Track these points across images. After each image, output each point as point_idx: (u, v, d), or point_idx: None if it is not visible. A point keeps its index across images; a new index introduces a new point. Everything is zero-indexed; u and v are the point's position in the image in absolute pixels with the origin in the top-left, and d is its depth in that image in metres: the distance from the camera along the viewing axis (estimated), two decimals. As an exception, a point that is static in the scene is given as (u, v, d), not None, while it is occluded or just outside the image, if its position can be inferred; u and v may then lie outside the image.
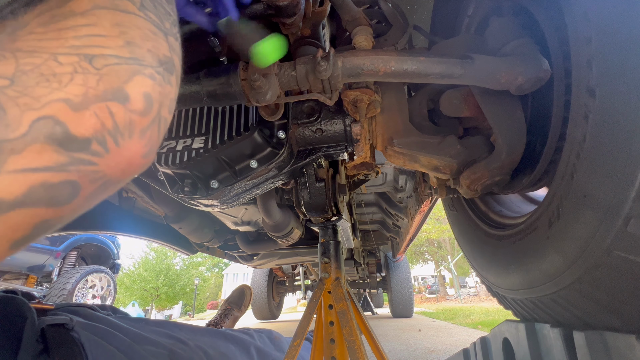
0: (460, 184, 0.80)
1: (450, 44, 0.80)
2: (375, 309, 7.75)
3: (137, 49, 0.31)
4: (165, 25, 0.35)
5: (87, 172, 0.28)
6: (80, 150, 0.27)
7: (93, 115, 0.27)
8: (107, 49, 0.29)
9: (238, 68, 0.68)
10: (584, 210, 0.51)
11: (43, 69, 0.26)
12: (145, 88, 0.30)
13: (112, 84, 0.28)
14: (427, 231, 17.38)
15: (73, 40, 0.28)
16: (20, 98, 0.25)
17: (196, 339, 1.11)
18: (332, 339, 1.00)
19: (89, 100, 0.27)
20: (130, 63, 0.30)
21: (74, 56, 0.28)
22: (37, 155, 0.25)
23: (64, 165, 0.26)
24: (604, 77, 0.46)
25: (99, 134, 0.28)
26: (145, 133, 0.31)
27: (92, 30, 0.29)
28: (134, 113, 0.30)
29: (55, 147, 0.26)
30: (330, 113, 0.90)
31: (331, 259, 1.17)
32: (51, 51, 0.27)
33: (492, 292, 0.99)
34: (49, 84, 0.26)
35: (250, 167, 0.85)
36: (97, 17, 0.30)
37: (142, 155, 0.32)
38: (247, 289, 2.71)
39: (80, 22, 0.29)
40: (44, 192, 0.26)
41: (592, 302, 0.55)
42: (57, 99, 0.26)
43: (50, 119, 0.26)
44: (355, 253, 3.41)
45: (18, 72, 0.26)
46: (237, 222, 1.49)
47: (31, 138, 0.25)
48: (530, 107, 0.79)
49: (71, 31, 0.28)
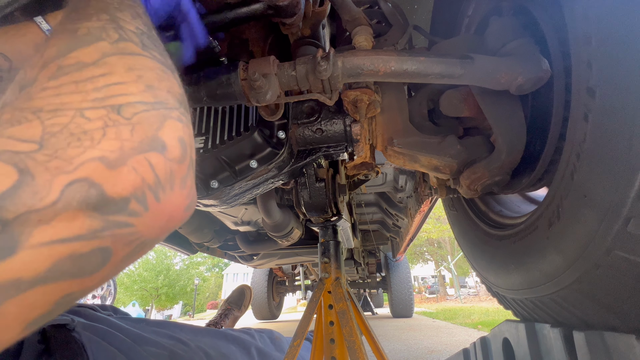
0: (460, 184, 0.80)
1: (450, 44, 0.80)
2: (375, 309, 7.75)
3: (158, 92, 0.29)
4: (167, 60, 0.34)
5: (122, 236, 0.25)
6: (117, 212, 0.24)
7: (132, 170, 0.25)
8: (131, 96, 0.27)
9: (238, 68, 0.68)
10: (584, 210, 0.51)
11: (72, 128, 0.24)
12: (178, 132, 0.28)
13: (147, 132, 0.26)
14: (427, 231, 17.39)
15: (94, 92, 0.26)
16: (51, 162, 0.22)
17: (197, 340, 1.11)
18: (332, 339, 1.00)
19: (126, 154, 0.25)
20: (157, 108, 0.28)
21: (100, 109, 0.25)
22: (68, 224, 0.22)
23: (97, 232, 0.23)
24: (604, 77, 0.46)
25: (139, 191, 0.25)
26: (185, 182, 0.29)
27: (110, 79, 0.27)
28: (173, 162, 0.27)
29: (89, 213, 0.23)
30: (330, 113, 0.90)
31: (331, 259, 1.17)
32: (75, 107, 0.25)
33: (492, 292, 0.99)
34: (80, 143, 0.23)
35: (250, 167, 0.85)
36: (110, 65, 0.28)
37: (185, 208, 0.29)
38: (247, 288, 2.71)
39: (95, 73, 0.27)
40: (71, 264, 0.23)
41: (592, 302, 0.55)
42: (91, 158, 0.23)
43: (85, 181, 0.23)
44: (355, 253, 3.41)
45: (46, 135, 0.23)
46: (237, 222, 1.49)
47: (62, 205, 0.22)
48: (530, 107, 0.78)
49: (89, 83, 0.26)
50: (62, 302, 0.24)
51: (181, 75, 0.37)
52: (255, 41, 0.89)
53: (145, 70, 0.29)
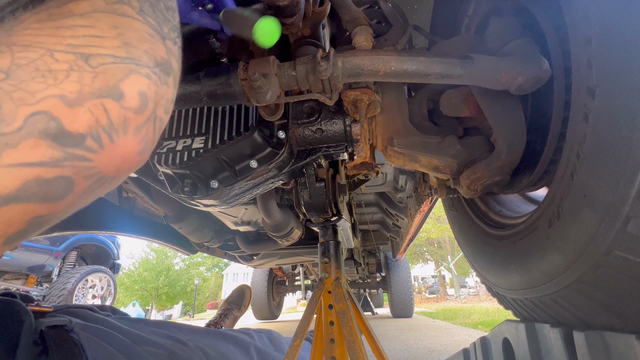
0: (460, 184, 0.80)
1: (450, 44, 0.80)
2: (375, 309, 7.75)
3: (133, 49, 0.31)
4: (164, 29, 0.35)
5: (82, 168, 0.28)
6: (75, 145, 0.27)
7: (87, 111, 0.27)
8: (104, 49, 0.29)
9: (238, 68, 0.68)
10: (584, 210, 0.51)
11: (39, 64, 0.26)
12: (140, 86, 0.31)
13: (107, 81, 0.29)
14: (427, 231, 17.39)
15: (70, 39, 0.28)
16: (16, 92, 0.25)
17: (196, 340, 1.11)
18: (332, 339, 1.00)
19: (84, 97, 0.27)
20: (126, 62, 0.30)
21: (70, 54, 0.28)
22: (32, 150, 0.25)
23: (58, 161, 0.26)
24: (604, 77, 0.46)
25: (94, 130, 0.28)
26: (140, 130, 0.31)
27: (90, 31, 0.29)
28: (129, 110, 0.30)
29: (49, 142, 0.26)
30: (330, 113, 0.90)
31: (331, 259, 1.17)
32: (48, 47, 0.27)
33: (492, 292, 0.99)
34: (44, 80, 0.26)
35: (250, 167, 0.85)
36: (95, 19, 0.30)
37: (137, 153, 0.32)
38: (246, 288, 2.71)
39: (78, 23, 0.29)
40: (38, 187, 0.26)
41: (592, 302, 0.55)
42: (52, 94, 0.26)
43: (45, 114, 0.26)
44: (355, 253, 3.41)
45: (13, 66, 0.26)
46: (237, 222, 1.49)
47: (26, 132, 0.25)
48: (530, 107, 0.78)
49: (69, 30, 0.29)
50: (34, 223, 0.27)
51: (182, 76, 0.38)
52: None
53: (129, 30, 0.31)
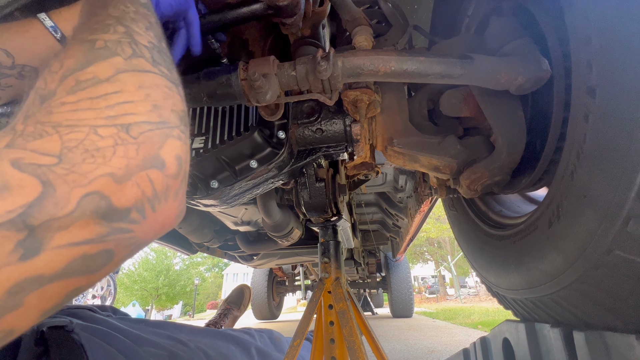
0: (460, 184, 0.80)
1: (450, 44, 0.80)
2: (375, 309, 7.75)
3: (163, 111, 0.33)
4: (174, 75, 0.37)
5: (123, 239, 0.29)
6: (121, 220, 0.28)
7: (135, 185, 0.29)
8: (139, 116, 0.31)
9: (238, 68, 0.68)
10: (584, 210, 0.51)
11: (87, 144, 0.28)
12: (176, 151, 0.32)
13: (150, 151, 0.30)
14: (426, 231, 17.38)
15: (107, 110, 0.30)
16: (69, 175, 0.26)
17: (196, 340, 1.11)
18: (332, 339, 1.00)
19: (132, 171, 0.29)
20: (160, 127, 0.32)
21: (112, 127, 0.29)
22: (82, 230, 0.26)
23: (103, 237, 0.27)
24: (604, 77, 0.46)
25: (139, 202, 0.29)
26: (178, 194, 0.33)
27: (121, 97, 0.31)
28: (170, 177, 0.32)
29: (98, 220, 0.27)
30: (330, 113, 0.90)
31: (331, 259, 1.17)
32: (90, 124, 0.29)
33: (492, 292, 0.99)
34: (94, 160, 0.27)
35: (250, 167, 0.85)
36: (122, 82, 0.31)
37: (175, 216, 0.34)
38: (246, 288, 2.71)
39: (109, 90, 0.31)
40: (82, 263, 0.27)
41: (592, 302, 0.55)
42: (102, 174, 0.27)
43: (97, 194, 0.27)
44: (355, 253, 3.41)
45: (64, 150, 0.27)
46: (237, 222, 1.49)
47: (78, 214, 0.26)
48: (530, 107, 0.78)
49: (103, 101, 0.30)
50: (71, 294, 0.28)
51: (182, 76, 0.40)
52: (255, 41, 0.89)
53: (153, 88, 0.33)
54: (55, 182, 0.25)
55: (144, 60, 0.34)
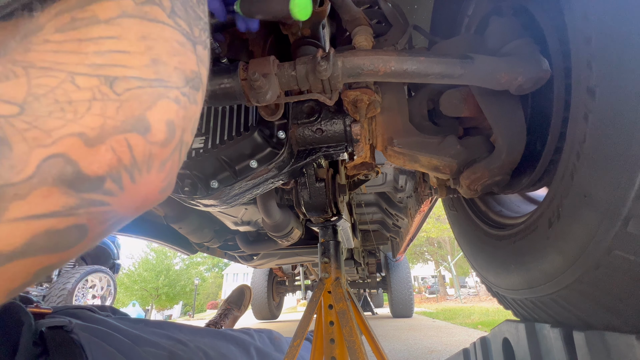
0: (460, 184, 0.80)
1: (450, 44, 0.80)
2: (375, 309, 7.75)
3: (162, 67, 0.28)
4: (195, 32, 0.32)
5: (97, 214, 0.25)
6: (92, 190, 0.24)
7: (109, 150, 0.24)
8: (131, 70, 0.26)
9: (238, 68, 0.68)
10: (584, 210, 0.51)
11: (58, 94, 0.23)
12: (168, 115, 0.28)
13: (133, 112, 0.25)
14: (427, 231, 17.38)
15: (94, 56, 0.25)
16: (30, 131, 0.22)
17: (196, 340, 1.11)
18: (332, 339, 1.00)
19: (107, 133, 0.24)
20: (154, 86, 0.27)
21: (93, 78, 0.24)
22: (43, 200, 0.22)
23: (72, 209, 0.23)
24: (604, 77, 0.46)
25: (114, 170, 0.25)
26: (164, 165, 0.28)
27: (116, 44, 0.26)
28: (155, 145, 0.27)
29: (64, 189, 0.23)
30: (330, 113, 0.90)
31: (331, 259, 1.17)
32: (69, 69, 0.24)
33: (492, 292, 0.99)
34: (63, 115, 0.23)
35: (250, 167, 0.85)
36: (122, 27, 0.26)
37: (160, 190, 0.29)
38: (246, 288, 2.71)
39: (104, 33, 0.26)
40: (47, 239, 0.23)
41: (592, 302, 0.55)
42: (70, 132, 0.23)
43: (62, 157, 0.22)
44: (355, 253, 3.41)
45: (30, 97, 0.22)
46: (237, 222, 1.49)
47: (38, 180, 0.22)
48: (530, 107, 0.78)
49: (93, 44, 0.25)
50: (39, 274, 0.24)
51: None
52: (255, 41, 0.89)
53: (159, 41, 0.28)
54: (12, 139, 0.21)
55: (159, 8, 0.29)
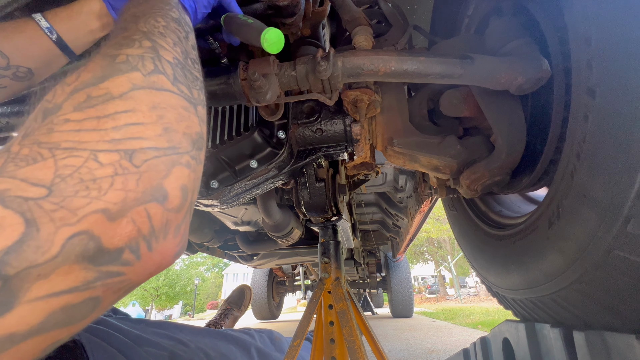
0: (460, 184, 0.80)
1: (450, 44, 0.80)
2: (375, 309, 7.75)
3: (173, 134, 0.30)
4: (194, 94, 0.35)
5: (113, 284, 0.25)
6: (110, 262, 0.25)
7: (130, 222, 0.25)
8: (147, 141, 0.28)
9: (238, 68, 0.68)
10: (584, 210, 0.51)
11: (83, 173, 0.24)
12: (182, 180, 0.29)
13: (152, 182, 0.27)
14: (427, 231, 17.39)
15: (113, 132, 0.27)
16: (57, 212, 0.23)
17: (197, 340, 1.11)
18: (332, 339, 1.00)
19: (128, 206, 0.25)
20: (168, 154, 0.29)
21: (114, 153, 0.26)
22: (64, 277, 0.22)
23: (90, 283, 0.24)
24: (604, 77, 0.46)
25: (133, 241, 0.26)
26: (179, 229, 0.30)
27: (131, 117, 0.28)
28: (171, 211, 0.28)
29: (84, 265, 0.23)
30: (330, 113, 0.90)
31: (331, 259, 1.17)
32: (91, 147, 0.25)
33: (492, 292, 0.99)
34: (88, 193, 0.24)
35: (250, 167, 0.85)
36: (134, 100, 0.29)
37: (174, 255, 0.30)
38: (246, 288, 2.71)
39: (119, 108, 0.28)
40: (63, 315, 0.23)
41: (592, 302, 0.55)
42: (95, 210, 0.24)
43: (85, 234, 0.23)
44: (355, 253, 3.41)
45: (57, 179, 0.24)
46: (237, 222, 1.49)
47: (62, 259, 0.22)
48: (530, 107, 0.78)
49: (110, 120, 0.27)
50: (49, 348, 0.24)
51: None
52: (255, 41, 0.89)
53: (168, 109, 0.31)
54: (40, 221, 0.22)
55: (165, 77, 0.33)
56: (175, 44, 0.37)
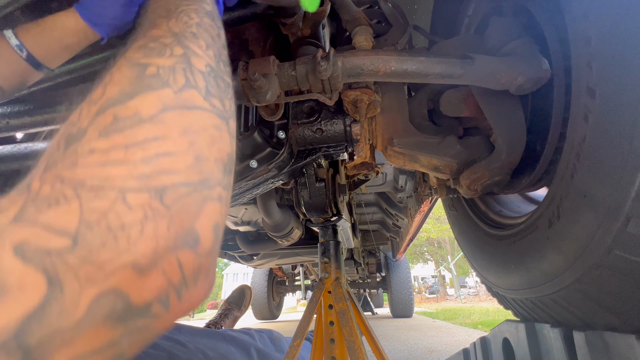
0: (460, 184, 0.80)
1: (450, 44, 0.80)
2: (375, 309, 7.75)
3: (205, 164, 0.28)
4: (226, 106, 0.33)
5: (139, 338, 0.23)
6: (138, 317, 0.22)
7: (160, 274, 0.23)
8: (177, 175, 0.25)
9: (238, 68, 0.68)
10: (584, 210, 0.51)
11: (111, 220, 0.22)
12: (214, 218, 0.27)
13: (183, 225, 0.25)
14: (427, 231, 17.39)
15: (142, 165, 0.24)
16: (82, 268, 0.20)
17: (196, 341, 1.11)
18: (332, 339, 1.00)
19: (159, 256, 0.23)
20: (199, 189, 0.26)
21: (144, 194, 0.24)
22: (89, 341, 0.20)
23: (115, 342, 0.22)
24: (604, 77, 0.46)
25: (163, 293, 0.23)
26: (209, 273, 0.27)
27: (161, 146, 0.26)
28: (203, 256, 0.26)
29: (111, 324, 0.21)
30: (330, 113, 0.90)
31: (331, 259, 1.17)
32: (119, 185, 0.23)
33: (492, 292, 0.99)
34: (116, 244, 0.22)
35: (250, 167, 0.85)
36: (165, 125, 0.27)
37: (203, 299, 0.27)
38: (247, 289, 2.72)
39: (149, 135, 0.26)
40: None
41: (592, 302, 0.55)
42: (124, 264, 0.22)
43: (113, 292, 0.21)
44: (355, 253, 3.41)
45: (82, 226, 0.21)
46: (237, 222, 1.49)
47: (88, 322, 0.20)
48: (530, 107, 0.79)
49: (139, 150, 0.25)
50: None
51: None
52: (255, 41, 0.89)
53: (199, 132, 0.28)
54: (64, 279, 0.20)
55: (197, 92, 0.30)
56: (208, 47, 0.35)
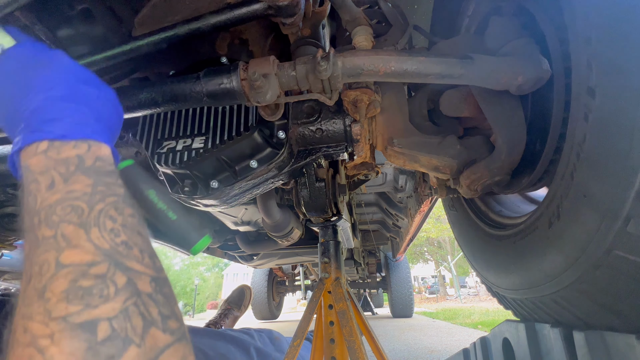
0: (460, 184, 0.80)
1: (450, 44, 0.80)
2: (375, 309, 7.75)
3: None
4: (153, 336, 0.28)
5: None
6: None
7: None
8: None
9: (238, 68, 0.68)
10: (584, 210, 0.51)
11: None
12: None
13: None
14: (426, 231, 17.38)
15: None
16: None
17: (195, 341, 1.11)
18: (332, 339, 1.00)
19: None
20: None
21: None
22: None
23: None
24: (604, 77, 0.46)
25: None
26: None
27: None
28: None
29: None
30: (330, 113, 0.89)
31: (331, 259, 1.17)
32: None
33: (492, 292, 0.99)
34: None
35: (250, 167, 0.85)
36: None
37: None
38: (247, 288, 2.72)
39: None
40: None
41: (592, 302, 0.55)
42: None
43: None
44: (355, 253, 3.41)
45: None
46: (237, 222, 1.49)
47: None
48: (530, 107, 0.78)
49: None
50: None
51: (182, 76, 0.33)
52: (255, 41, 0.89)
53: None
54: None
55: (158, 331, 0.27)
56: (142, 251, 0.31)
